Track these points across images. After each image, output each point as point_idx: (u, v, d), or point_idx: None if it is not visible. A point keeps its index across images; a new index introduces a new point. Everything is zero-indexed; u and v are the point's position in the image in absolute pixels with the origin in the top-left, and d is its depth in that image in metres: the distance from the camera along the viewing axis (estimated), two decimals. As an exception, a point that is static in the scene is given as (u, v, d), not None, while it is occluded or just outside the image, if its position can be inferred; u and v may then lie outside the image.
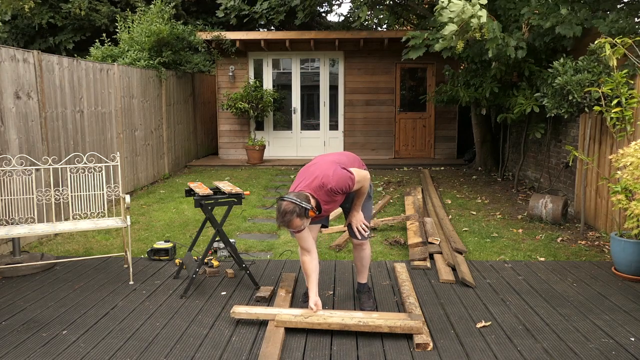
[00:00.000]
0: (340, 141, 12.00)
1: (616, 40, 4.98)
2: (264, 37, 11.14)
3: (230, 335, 3.43)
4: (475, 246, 5.38)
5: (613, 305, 3.89)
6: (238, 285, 4.32)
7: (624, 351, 3.18)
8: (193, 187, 4.26)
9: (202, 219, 5.95)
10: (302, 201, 3.27)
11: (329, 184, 3.37)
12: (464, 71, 8.69)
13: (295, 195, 3.30)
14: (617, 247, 4.47)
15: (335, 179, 3.38)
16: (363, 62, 11.72)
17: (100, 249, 5.37)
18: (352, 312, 3.55)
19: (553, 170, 7.57)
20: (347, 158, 3.69)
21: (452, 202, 7.50)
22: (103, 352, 3.19)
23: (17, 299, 4.04)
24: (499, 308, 3.84)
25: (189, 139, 11.51)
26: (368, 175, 3.59)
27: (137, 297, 4.09)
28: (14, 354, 3.16)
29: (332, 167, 3.44)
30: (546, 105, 6.24)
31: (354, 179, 3.44)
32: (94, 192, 4.77)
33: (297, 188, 3.44)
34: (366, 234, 3.77)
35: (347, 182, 3.41)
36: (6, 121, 5.17)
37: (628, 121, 5.11)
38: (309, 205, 3.30)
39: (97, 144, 7.10)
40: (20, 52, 5.43)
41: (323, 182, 3.39)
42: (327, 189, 3.38)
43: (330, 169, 3.42)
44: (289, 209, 3.26)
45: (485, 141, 10.35)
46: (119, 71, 7.85)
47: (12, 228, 4.39)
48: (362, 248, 3.86)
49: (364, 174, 3.55)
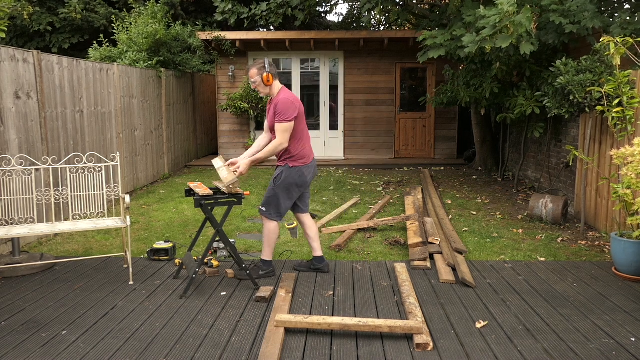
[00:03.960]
0: (340, 141, 12.00)
1: (618, 39, 4.98)
2: (263, 37, 11.14)
3: (230, 335, 3.42)
4: (476, 246, 5.38)
5: (613, 305, 3.88)
6: (238, 286, 4.31)
7: (625, 351, 3.18)
8: (193, 187, 4.26)
9: (202, 219, 5.95)
10: (267, 65, 4.21)
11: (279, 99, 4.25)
12: (464, 71, 8.68)
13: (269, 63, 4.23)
14: (617, 247, 4.47)
15: (282, 99, 4.22)
16: (363, 62, 11.72)
17: (100, 249, 5.36)
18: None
19: (553, 170, 7.57)
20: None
21: (452, 202, 7.50)
22: (103, 352, 3.18)
23: (16, 299, 4.03)
24: (499, 308, 3.83)
25: (189, 139, 11.51)
26: (284, 140, 4.20)
27: (136, 297, 4.08)
28: (13, 354, 3.16)
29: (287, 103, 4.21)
30: (547, 105, 6.24)
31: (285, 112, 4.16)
32: (94, 192, 4.76)
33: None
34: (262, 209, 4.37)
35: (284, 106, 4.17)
36: (6, 121, 5.17)
37: (629, 121, 5.11)
38: (267, 70, 4.18)
39: (97, 144, 7.09)
40: (20, 52, 5.42)
41: (279, 99, 4.24)
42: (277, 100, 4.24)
43: (286, 103, 4.21)
44: (258, 60, 4.26)
45: (486, 141, 10.34)
46: (119, 71, 7.85)
47: (12, 228, 4.38)
48: (263, 222, 4.45)
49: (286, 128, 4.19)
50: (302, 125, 4.30)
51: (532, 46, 5.80)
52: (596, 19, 5.86)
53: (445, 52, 7.10)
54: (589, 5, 5.90)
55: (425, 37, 7.23)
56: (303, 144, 4.32)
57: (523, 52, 5.79)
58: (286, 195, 4.34)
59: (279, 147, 4.21)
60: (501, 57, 6.83)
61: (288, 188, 4.32)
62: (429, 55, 7.29)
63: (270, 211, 4.36)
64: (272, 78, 4.21)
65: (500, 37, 5.70)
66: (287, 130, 4.17)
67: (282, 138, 4.18)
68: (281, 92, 4.27)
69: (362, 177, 9.75)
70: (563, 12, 6.02)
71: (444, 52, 7.08)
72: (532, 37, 5.85)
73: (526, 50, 5.78)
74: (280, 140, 4.18)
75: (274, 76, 4.23)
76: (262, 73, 4.18)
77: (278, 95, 4.25)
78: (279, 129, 4.17)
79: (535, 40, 5.88)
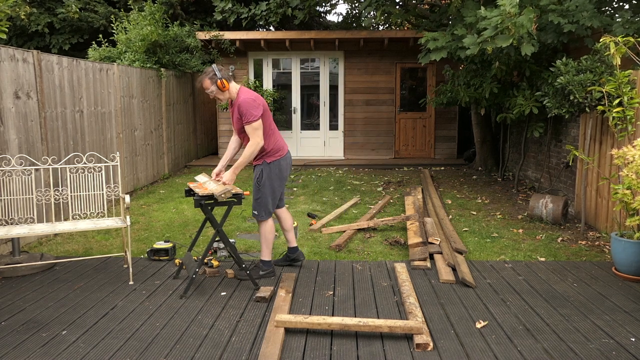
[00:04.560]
0: (340, 141, 12.00)
1: (619, 38, 4.98)
2: (263, 37, 11.14)
3: (230, 335, 3.42)
4: (476, 246, 5.37)
5: (613, 305, 3.88)
6: (238, 286, 4.31)
7: (625, 351, 3.18)
8: (193, 187, 4.26)
9: (202, 219, 5.94)
10: (217, 71, 4.14)
11: (240, 101, 4.21)
12: (464, 71, 8.68)
13: (218, 69, 4.16)
14: (617, 247, 4.47)
15: (243, 100, 4.18)
16: (363, 62, 11.72)
17: (100, 249, 5.36)
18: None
19: (553, 170, 7.57)
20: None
21: (452, 202, 7.50)
22: (103, 352, 3.18)
23: (16, 299, 4.03)
24: (499, 308, 3.83)
25: (189, 139, 11.51)
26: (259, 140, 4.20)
27: (137, 297, 4.08)
28: (13, 354, 3.16)
29: (250, 103, 4.19)
30: (547, 105, 6.23)
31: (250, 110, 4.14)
32: (94, 192, 4.76)
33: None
34: (255, 213, 4.41)
35: (247, 107, 4.15)
36: (6, 121, 5.16)
37: (629, 121, 5.11)
38: (220, 75, 4.12)
39: (96, 144, 7.09)
40: (19, 51, 5.42)
41: (240, 101, 4.20)
42: (239, 102, 4.20)
43: (248, 102, 4.18)
44: (207, 70, 4.20)
45: (486, 141, 10.34)
46: (119, 71, 7.85)
47: (12, 228, 4.38)
48: (259, 225, 4.48)
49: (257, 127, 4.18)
50: (268, 120, 4.32)
51: (532, 47, 5.79)
52: (595, 19, 5.85)
53: (446, 54, 7.09)
54: (587, 4, 5.89)
55: (427, 38, 7.19)
56: (275, 138, 4.38)
57: (524, 53, 5.79)
58: (271, 192, 4.41)
59: (257, 147, 4.21)
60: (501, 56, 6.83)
61: (272, 184, 4.40)
62: (430, 58, 7.26)
63: (261, 212, 4.40)
64: (226, 82, 4.17)
65: (500, 37, 5.69)
66: (259, 128, 4.19)
67: (257, 137, 4.19)
68: (240, 93, 4.23)
69: (362, 177, 9.75)
70: (562, 11, 6.01)
71: (445, 54, 7.06)
72: (534, 38, 5.84)
73: (527, 52, 5.78)
74: (255, 139, 4.19)
75: (227, 79, 4.19)
76: (215, 80, 4.14)
77: (238, 96, 4.22)
78: (250, 130, 4.18)
79: (535, 42, 5.87)
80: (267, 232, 4.45)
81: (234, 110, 4.28)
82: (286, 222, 4.68)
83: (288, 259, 4.80)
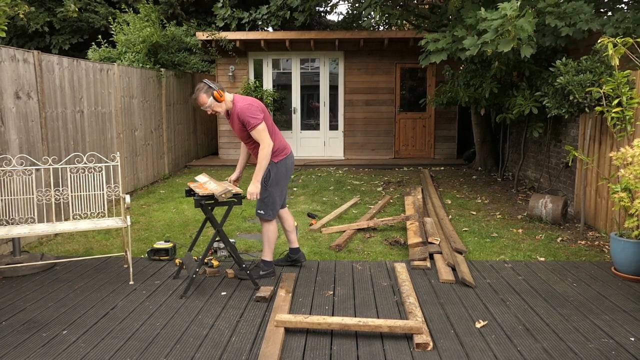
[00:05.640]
0: (340, 141, 12.00)
1: (617, 39, 4.98)
2: (263, 37, 11.14)
3: (230, 335, 3.43)
4: (475, 246, 5.38)
5: (613, 305, 3.89)
6: (238, 286, 4.32)
7: (624, 351, 3.18)
8: (193, 187, 4.26)
9: (202, 219, 5.95)
10: (211, 84, 4.12)
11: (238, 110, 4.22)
12: (463, 71, 8.69)
13: (210, 82, 4.14)
14: (617, 247, 4.47)
15: (242, 108, 4.20)
16: (363, 62, 11.72)
17: (100, 249, 5.37)
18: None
19: (553, 170, 7.57)
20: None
21: (452, 202, 7.50)
22: (103, 352, 3.19)
23: (17, 299, 4.04)
24: (499, 308, 3.84)
25: (189, 139, 11.51)
26: (269, 140, 4.20)
27: (137, 297, 4.09)
28: (14, 354, 3.16)
29: (249, 108, 4.19)
30: (547, 105, 6.24)
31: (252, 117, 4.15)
32: (94, 192, 4.77)
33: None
34: (261, 212, 4.38)
35: (247, 113, 4.16)
36: (6, 121, 5.17)
37: (628, 121, 5.12)
38: (215, 86, 4.12)
39: (97, 144, 7.10)
40: (20, 52, 5.43)
41: (239, 110, 4.22)
42: (237, 111, 4.21)
43: (247, 108, 4.19)
44: (199, 86, 4.16)
45: (485, 141, 10.35)
46: (119, 71, 7.85)
47: (12, 228, 4.39)
48: (262, 225, 4.45)
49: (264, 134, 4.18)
50: (269, 121, 4.33)
51: (532, 49, 5.81)
52: (593, 22, 5.86)
53: (446, 57, 7.09)
54: (585, 7, 5.90)
55: (428, 40, 7.19)
56: (278, 138, 4.41)
57: (524, 55, 5.80)
58: (279, 191, 4.44)
59: (269, 148, 4.22)
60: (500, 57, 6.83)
61: (279, 183, 4.42)
62: (430, 60, 7.25)
63: (268, 212, 4.41)
64: (222, 92, 4.18)
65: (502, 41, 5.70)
66: (264, 130, 4.20)
67: (266, 139, 4.20)
68: (236, 101, 4.25)
69: (362, 177, 9.76)
70: (559, 14, 6.02)
71: (445, 56, 7.06)
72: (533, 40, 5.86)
73: (527, 54, 5.81)
74: (265, 142, 4.20)
75: (222, 90, 4.21)
76: (211, 92, 4.13)
77: (235, 105, 4.24)
78: (257, 134, 4.20)
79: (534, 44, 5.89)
80: (271, 232, 4.47)
81: (234, 120, 4.29)
82: (288, 222, 4.69)
83: (289, 259, 4.81)
